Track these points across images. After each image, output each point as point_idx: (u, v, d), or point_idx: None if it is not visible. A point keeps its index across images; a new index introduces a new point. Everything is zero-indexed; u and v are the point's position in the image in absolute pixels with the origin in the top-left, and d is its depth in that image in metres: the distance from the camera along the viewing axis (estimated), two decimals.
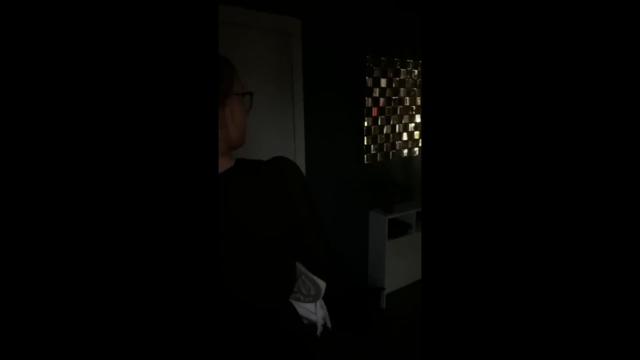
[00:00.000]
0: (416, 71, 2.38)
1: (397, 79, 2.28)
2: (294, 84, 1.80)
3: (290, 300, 0.80)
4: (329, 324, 0.88)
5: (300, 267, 0.83)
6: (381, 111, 2.24)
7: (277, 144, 1.85)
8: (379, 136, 2.27)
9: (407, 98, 2.37)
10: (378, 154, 2.29)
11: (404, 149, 2.45)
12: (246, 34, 1.63)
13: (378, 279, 2.35)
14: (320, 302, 0.85)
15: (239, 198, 0.63)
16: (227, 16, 1.50)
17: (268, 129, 1.81)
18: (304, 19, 1.76)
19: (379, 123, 2.25)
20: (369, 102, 2.15)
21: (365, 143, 2.20)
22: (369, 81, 2.12)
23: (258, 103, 1.60)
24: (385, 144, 2.32)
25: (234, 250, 0.64)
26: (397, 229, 2.35)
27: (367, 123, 2.18)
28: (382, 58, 2.15)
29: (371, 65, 2.10)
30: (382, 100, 2.22)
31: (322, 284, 0.81)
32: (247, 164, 0.67)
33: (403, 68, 2.29)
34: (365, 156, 2.22)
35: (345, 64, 1.99)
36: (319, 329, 0.85)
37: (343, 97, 2.03)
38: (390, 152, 2.37)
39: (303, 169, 1.91)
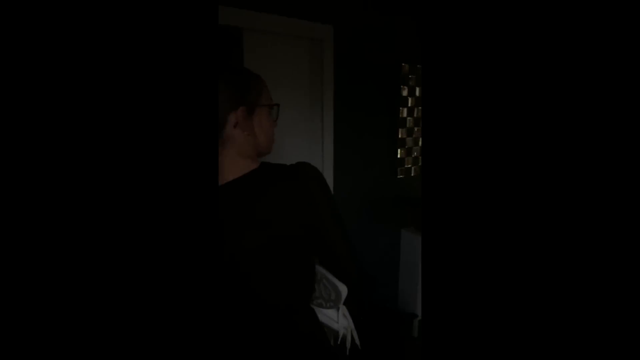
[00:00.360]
0: None
1: None
2: (324, 91, 1.74)
3: (312, 305, 0.78)
4: (357, 340, 0.82)
5: (321, 270, 0.77)
6: (417, 122, 2.12)
7: (305, 155, 1.79)
8: (413, 148, 2.14)
9: None
10: (412, 168, 2.16)
11: None
12: (277, 40, 1.61)
13: (410, 305, 2.16)
14: (343, 311, 0.79)
15: (260, 196, 0.66)
16: (257, 23, 1.48)
17: (296, 138, 1.75)
18: (336, 25, 1.72)
19: (414, 135, 2.13)
20: (403, 112, 2.05)
21: (399, 156, 2.08)
22: (404, 90, 2.03)
23: (287, 111, 1.55)
24: (420, 157, 2.18)
25: (253, 247, 0.66)
26: None
27: (401, 134, 2.07)
28: (419, 66, 2.05)
29: (407, 73, 2.01)
30: (417, 110, 2.11)
31: (343, 288, 0.75)
32: (271, 166, 0.71)
33: None
34: (398, 170, 2.10)
35: (379, 72, 1.91)
36: (339, 339, 0.79)
37: (376, 106, 1.94)
38: None
39: (330, 181, 1.82)
